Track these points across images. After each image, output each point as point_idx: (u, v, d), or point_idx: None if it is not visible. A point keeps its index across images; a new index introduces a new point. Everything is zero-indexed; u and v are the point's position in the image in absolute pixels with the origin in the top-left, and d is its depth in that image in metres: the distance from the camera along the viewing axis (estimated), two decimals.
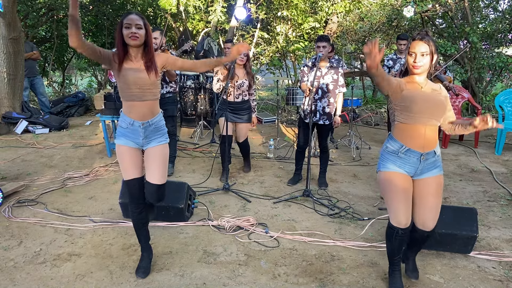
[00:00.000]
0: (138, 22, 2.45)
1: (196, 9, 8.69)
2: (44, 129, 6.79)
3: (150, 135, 2.64)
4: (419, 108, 2.33)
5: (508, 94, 6.16)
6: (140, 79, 2.52)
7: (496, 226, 3.60)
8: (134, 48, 2.51)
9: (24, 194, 4.12)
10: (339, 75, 4.28)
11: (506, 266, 2.95)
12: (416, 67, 2.32)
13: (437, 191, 2.46)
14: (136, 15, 2.47)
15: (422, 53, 2.29)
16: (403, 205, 2.43)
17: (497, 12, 9.51)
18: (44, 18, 10.05)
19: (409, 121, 2.37)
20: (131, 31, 2.43)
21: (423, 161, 2.40)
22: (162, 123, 2.69)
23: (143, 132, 2.61)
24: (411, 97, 2.33)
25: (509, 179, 4.84)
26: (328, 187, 4.53)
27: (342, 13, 9.37)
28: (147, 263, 2.80)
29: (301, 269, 2.88)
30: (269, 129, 7.56)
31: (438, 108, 2.36)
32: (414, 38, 2.35)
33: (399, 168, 2.43)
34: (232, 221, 3.52)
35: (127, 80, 2.51)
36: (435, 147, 2.44)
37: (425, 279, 2.79)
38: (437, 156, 2.46)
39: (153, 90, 2.59)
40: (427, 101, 2.33)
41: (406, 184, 2.44)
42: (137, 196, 2.69)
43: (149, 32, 2.53)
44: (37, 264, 2.87)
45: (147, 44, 2.54)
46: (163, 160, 2.68)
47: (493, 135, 7.04)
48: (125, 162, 2.64)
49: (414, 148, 2.38)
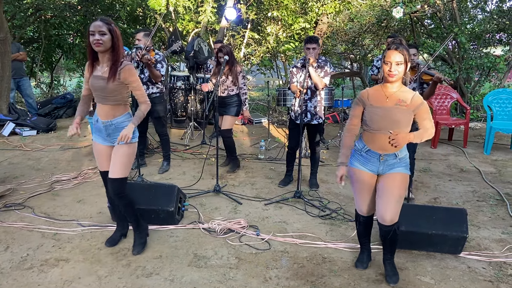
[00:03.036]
0: (101, 28, 2.58)
1: (186, 9, 8.63)
2: (32, 131, 6.69)
3: (112, 134, 2.85)
4: (376, 125, 2.54)
5: (496, 94, 6.22)
6: (100, 86, 2.72)
7: (485, 226, 3.62)
8: (101, 54, 2.68)
9: (11, 198, 4.05)
10: (323, 72, 4.25)
11: (496, 266, 2.97)
12: (391, 75, 2.44)
13: (394, 185, 2.58)
14: (101, 21, 2.60)
15: (397, 62, 2.42)
16: (362, 197, 2.75)
17: (485, 12, 9.61)
18: (32, 18, 9.91)
19: (370, 131, 2.60)
20: (95, 38, 2.58)
21: (383, 161, 2.60)
22: (124, 125, 2.82)
23: (105, 130, 2.84)
24: (370, 114, 2.55)
25: (498, 179, 4.88)
26: (319, 188, 4.52)
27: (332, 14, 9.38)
28: (117, 236, 3.16)
29: (292, 272, 2.87)
30: (260, 130, 7.54)
31: (397, 124, 2.48)
32: (390, 47, 2.46)
33: (361, 166, 2.67)
34: (223, 223, 3.50)
35: (92, 86, 2.78)
36: (397, 151, 2.57)
37: (415, 280, 2.79)
38: (398, 159, 2.60)
39: (114, 96, 2.74)
40: (385, 119, 2.50)
41: (366, 179, 2.67)
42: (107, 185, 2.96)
43: (115, 38, 2.64)
44: (23, 269, 2.82)
45: (114, 49, 2.66)
46: (119, 156, 2.82)
47: (481, 135, 7.10)
48: (96, 156, 3.00)
49: (373, 150, 2.60)
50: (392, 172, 2.60)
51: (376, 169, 2.63)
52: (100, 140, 2.91)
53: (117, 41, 2.64)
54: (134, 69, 2.75)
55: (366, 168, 2.65)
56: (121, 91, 2.76)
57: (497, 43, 9.60)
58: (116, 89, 2.72)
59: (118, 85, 2.71)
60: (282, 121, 8.34)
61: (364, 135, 2.65)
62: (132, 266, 2.88)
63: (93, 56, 2.71)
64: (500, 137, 6.84)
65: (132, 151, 2.87)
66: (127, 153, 2.84)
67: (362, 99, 2.61)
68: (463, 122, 6.40)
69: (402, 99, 2.50)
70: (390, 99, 2.51)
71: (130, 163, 2.88)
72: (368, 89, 2.62)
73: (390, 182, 2.59)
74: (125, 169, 2.85)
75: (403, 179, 2.60)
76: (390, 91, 2.52)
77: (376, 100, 2.55)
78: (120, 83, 2.71)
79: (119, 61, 2.67)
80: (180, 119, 7.18)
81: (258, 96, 12.40)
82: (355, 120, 2.67)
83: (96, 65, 2.75)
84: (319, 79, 4.18)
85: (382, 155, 2.58)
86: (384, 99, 2.53)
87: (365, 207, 2.77)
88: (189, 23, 8.80)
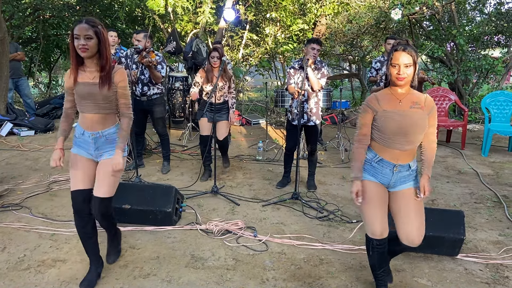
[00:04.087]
0: (87, 32, 2.32)
1: (184, 10, 8.64)
2: (30, 132, 6.68)
3: (102, 147, 2.55)
4: (391, 131, 2.31)
5: (494, 97, 6.24)
6: (91, 93, 2.45)
7: (482, 228, 3.63)
8: (88, 59, 2.42)
9: (8, 198, 4.04)
10: (320, 74, 4.26)
11: (492, 268, 2.97)
12: (400, 79, 2.25)
13: (410, 201, 2.41)
14: (86, 24, 2.33)
15: (405, 64, 2.23)
16: (376, 212, 2.39)
17: (483, 14, 9.64)
18: (30, 18, 9.91)
19: (382, 143, 2.37)
20: (80, 43, 2.32)
21: (396, 172, 2.39)
22: (115, 136, 2.57)
23: (94, 143, 2.54)
24: (384, 120, 2.32)
25: (496, 181, 4.89)
26: (317, 190, 4.52)
27: (331, 15, 9.40)
28: (93, 276, 2.66)
29: (289, 273, 2.87)
30: (258, 131, 7.55)
31: (415, 129, 2.30)
32: (396, 48, 2.26)
33: (372, 177, 2.43)
34: (221, 225, 3.50)
35: (80, 94, 2.47)
36: (411, 161, 2.41)
37: (412, 282, 2.79)
38: (411, 171, 2.43)
39: (103, 104, 2.49)
40: (401, 123, 2.29)
41: (380, 191, 2.42)
42: (80, 208, 2.54)
43: (103, 42, 2.39)
44: (20, 270, 2.81)
45: (102, 54, 2.42)
46: (107, 174, 2.52)
47: (479, 137, 7.11)
48: (73, 171, 2.56)
49: (386, 159, 2.38)
50: (403, 190, 2.43)
51: (388, 181, 2.42)
52: (84, 153, 2.57)
53: (104, 45, 2.40)
54: (126, 73, 2.58)
55: (377, 179, 2.43)
56: (112, 98, 2.52)
57: (495, 45, 9.63)
58: (110, 95, 2.48)
59: (112, 91, 2.49)
60: (280, 122, 8.34)
61: (375, 144, 2.42)
62: (129, 267, 2.87)
63: (77, 60, 2.44)
64: (498, 139, 6.86)
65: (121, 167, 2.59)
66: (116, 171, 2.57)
67: (371, 105, 2.37)
68: (461, 124, 6.41)
69: (415, 101, 2.32)
70: (404, 102, 2.32)
71: (118, 181, 2.62)
72: (376, 94, 2.40)
73: (405, 199, 2.41)
74: (113, 188, 2.59)
75: (412, 194, 2.44)
76: (401, 94, 2.33)
77: (388, 104, 2.34)
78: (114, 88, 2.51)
79: (108, 65, 2.44)
80: (178, 120, 7.18)
81: (256, 97, 12.41)
82: (365, 129, 2.41)
83: (81, 71, 2.47)
84: (316, 80, 4.18)
85: (397, 166, 2.38)
86: (396, 102, 2.33)
87: (377, 225, 2.39)
88: (188, 24, 8.81)
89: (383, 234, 2.40)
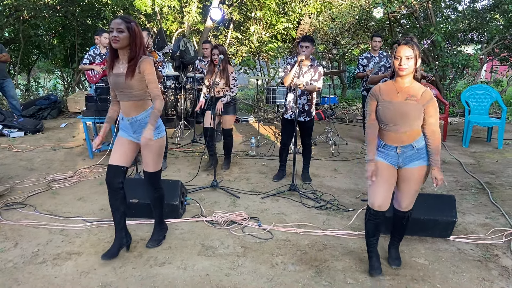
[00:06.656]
0: (120, 26, 2.61)
1: (170, 9, 8.68)
2: (19, 133, 6.64)
3: (138, 130, 2.86)
4: (388, 119, 2.61)
5: (473, 90, 6.56)
6: (118, 83, 2.75)
7: (470, 212, 3.88)
8: (120, 50, 2.72)
9: (10, 198, 4.07)
10: (317, 73, 4.44)
11: (483, 248, 3.21)
12: (401, 69, 2.51)
13: (416, 179, 2.69)
14: (121, 19, 2.64)
15: (407, 56, 2.48)
16: (380, 186, 2.68)
17: (458, 12, 10.03)
18: (10, 19, 9.74)
19: (384, 128, 2.67)
20: (112, 35, 2.62)
21: (400, 154, 2.65)
22: (147, 120, 2.81)
23: (131, 127, 2.88)
24: (382, 109, 2.62)
25: (478, 169, 5.18)
26: (312, 182, 4.71)
27: (315, 14, 9.61)
28: (115, 248, 2.95)
29: (296, 258, 3.03)
30: (247, 128, 7.69)
31: (406, 117, 2.56)
32: (400, 43, 2.54)
33: (383, 159, 2.71)
34: (226, 216, 3.63)
35: (111, 84, 2.83)
36: (413, 142, 2.62)
37: (411, 262, 3.00)
38: (416, 150, 2.64)
39: (132, 92, 2.75)
40: (395, 113, 2.57)
41: (388, 171, 2.69)
42: (110, 181, 2.84)
43: (134, 36, 2.67)
44: (37, 264, 2.89)
45: (132, 47, 2.68)
46: (150, 153, 2.89)
47: (459, 129, 7.46)
48: (115, 148, 2.92)
49: (389, 144, 2.67)
50: (411, 167, 2.67)
51: (396, 161, 2.68)
52: (125, 135, 2.93)
53: (136, 39, 2.66)
54: (152, 62, 2.77)
55: (387, 161, 2.70)
56: (143, 85, 2.75)
57: (469, 42, 10.04)
58: (137, 84, 2.72)
59: (139, 80, 2.71)
60: (269, 119, 8.51)
61: (380, 131, 2.70)
62: (144, 257, 2.98)
63: (114, 53, 2.74)
64: (477, 131, 7.21)
65: (160, 144, 2.91)
66: (156, 149, 2.90)
67: (375, 94, 2.66)
68: (443, 117, 6.72)
69: (412, 94, 2.55)
70: (401, 94, 2.57)
71: (161, 156, 2.98)
72: (380, 84, 2.68)
73: (409, 176, 2.68)
74: (158, 163, 2.97)
75: (422, 172, 2.68)
76: (401, 86, 2.58)
77: (387, 94, 2.61)
78: (141, 77, 2.72)
79: (136, 58, 2.68)
80: (170, 118, 7.25)
81: (241, 95, 12.53)
82: (373, 115, 2.69)
83: (116, 62, 2.76)
84: (311, 87, 4.41)
85: (399, 147, 2.63)
86: (395, 94, 2.59)
87: (378, 197, 2.67)
88: (173, 23, 8.86)
89: (381, 207, 2.69)
